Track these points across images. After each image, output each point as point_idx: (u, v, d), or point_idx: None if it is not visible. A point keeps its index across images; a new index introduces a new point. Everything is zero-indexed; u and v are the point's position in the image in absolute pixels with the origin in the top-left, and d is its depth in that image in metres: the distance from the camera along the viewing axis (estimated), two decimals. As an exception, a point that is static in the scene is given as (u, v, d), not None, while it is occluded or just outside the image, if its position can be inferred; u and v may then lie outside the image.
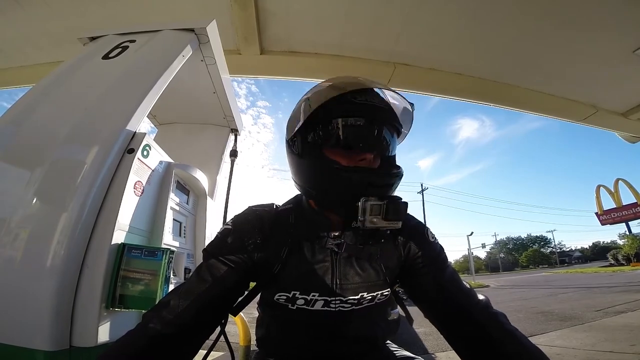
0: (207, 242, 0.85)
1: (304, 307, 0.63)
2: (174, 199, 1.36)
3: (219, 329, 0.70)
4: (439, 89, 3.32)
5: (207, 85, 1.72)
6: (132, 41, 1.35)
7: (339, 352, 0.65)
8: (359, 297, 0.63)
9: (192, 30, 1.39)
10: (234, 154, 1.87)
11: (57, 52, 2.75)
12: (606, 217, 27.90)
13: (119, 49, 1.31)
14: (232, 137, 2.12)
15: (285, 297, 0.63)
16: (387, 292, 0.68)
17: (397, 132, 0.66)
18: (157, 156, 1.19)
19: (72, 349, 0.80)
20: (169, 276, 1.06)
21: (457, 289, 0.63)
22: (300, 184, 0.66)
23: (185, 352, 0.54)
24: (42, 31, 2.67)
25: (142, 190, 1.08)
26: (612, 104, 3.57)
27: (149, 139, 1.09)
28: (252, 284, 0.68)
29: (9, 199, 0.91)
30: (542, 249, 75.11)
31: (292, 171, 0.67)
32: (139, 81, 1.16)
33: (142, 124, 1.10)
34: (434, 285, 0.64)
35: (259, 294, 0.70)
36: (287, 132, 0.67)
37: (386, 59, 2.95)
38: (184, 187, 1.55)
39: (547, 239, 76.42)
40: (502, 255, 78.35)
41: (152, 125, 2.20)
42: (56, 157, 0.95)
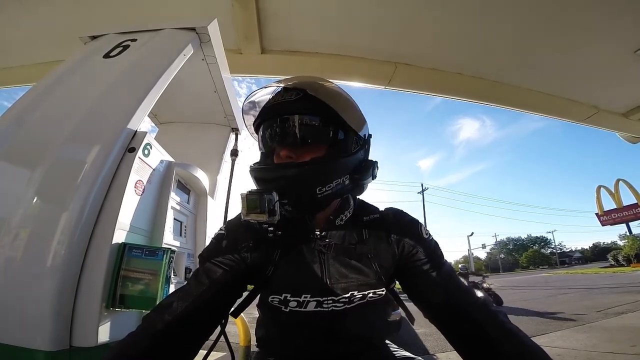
0: (208, 241, 0.85)
1: (297, 309, 0.63)
2: (174, 199, 1.35)
3: (219, 329, 0.70)
4: (440, 88, 3.30)
5: (208, 84, 1.72)
6: (133, 40, 1.34)
7: (335, 352, 0.65)
8: (349, 295, 0.63)
9: (193, 29, 1.38)
10: (234, 153, 1.87)
11: (57, 51, 2.73)
12: (606, 217, 27.91)
13: (120, 48, 1.30)
14: (233, 136, 2.11)
15: (277, 300, 0.63)
16: (380, 292, 0.67)
17: (308, 117, 0.61)
18: (158, 155, 1.19)
19: (72, 349, 0.80)
20: (170, 276, 1.05)
21: (454, 287, 0.62)
22: None
23: (185, 352, 0.55)
24: (42, 30, 2.66)
25: (143, 189, 1.07)
26: (613, 105, 3.56)
27: (150, 138, 1.09)
28: (251, 287, 0.68)
29: (10, 198, 0.90)
30: (542, 250, 75.09)
31: None
32: (140, 80, 1.15)
33: (143, 123, 1.09)
34: (430, 283, 0.63)
35: (259, 295, 0.70)
36: None
37: (387, 59, 2.94)
38: (184, 187, 1.54)
39: (547, 239, 76.48)
40: (502, 255, 78.17)
41: (153, 124, 2.20)
42: (57, 157, 0.95)
